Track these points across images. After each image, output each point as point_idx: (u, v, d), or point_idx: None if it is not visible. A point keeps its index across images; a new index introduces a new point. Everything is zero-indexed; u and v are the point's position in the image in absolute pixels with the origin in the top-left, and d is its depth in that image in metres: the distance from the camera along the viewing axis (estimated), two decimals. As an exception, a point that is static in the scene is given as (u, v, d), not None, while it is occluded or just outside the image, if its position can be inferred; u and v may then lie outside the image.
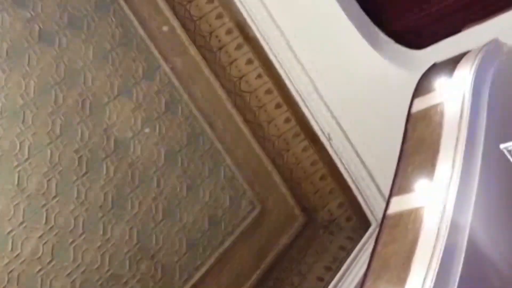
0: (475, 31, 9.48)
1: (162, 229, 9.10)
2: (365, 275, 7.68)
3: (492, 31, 9.27)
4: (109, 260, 8.52)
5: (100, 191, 8.73)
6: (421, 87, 9.03)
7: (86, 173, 8.54)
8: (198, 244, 9.37)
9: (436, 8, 9.79)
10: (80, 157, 8.56)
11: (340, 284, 9.66)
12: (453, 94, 8.49)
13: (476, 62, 8.73)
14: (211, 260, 9.37)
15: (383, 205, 8.78)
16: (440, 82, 8.75)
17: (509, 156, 6.65)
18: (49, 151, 8.31)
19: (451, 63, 9.02)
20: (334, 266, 9.95)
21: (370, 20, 10.06)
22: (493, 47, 9.04)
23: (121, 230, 8.77)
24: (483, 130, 8.13)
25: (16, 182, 7.86)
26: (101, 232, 8.54)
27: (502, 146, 6.63)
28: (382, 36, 10.09)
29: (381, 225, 8.21)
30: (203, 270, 9.26)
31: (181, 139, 9.67)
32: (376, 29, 10.09)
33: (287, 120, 10.70)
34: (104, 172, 8.73)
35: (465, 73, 8.66)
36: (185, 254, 9.19)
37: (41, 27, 8.63)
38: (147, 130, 9.35)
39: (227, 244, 9.61)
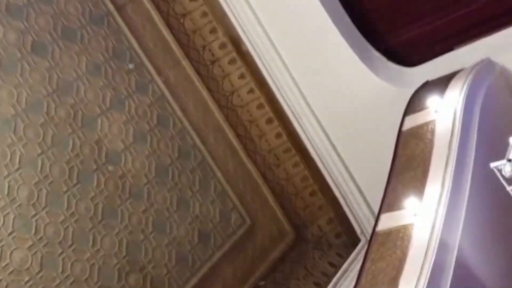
0: (468, 50, 9.55)
1: (152, 241, 9.01)
2: None
3: (484, 50, 9.34)
4: (97, 272, 8.43)
5: (91, 202, 8.64)
6: (413, 105, 9.07)
7: (76, 184, 8.47)
8: (187, 257, 9.28)
9: (429, 27, 9.88)
10: (71, 168, 8.48)
11: None
12: (444, 112, 8.52)
13: (468, 81, 8.81)
14: (200, 274, 9.28)
15: (373, 221, 8.87)
16: (432, 100, 8.72)
17: (498, 175, 6.52)
18: (40, 162, 8.25)
19: (443, 82, 9.12)
20: (323, 282, 9.89)
21: (362, 36, 10.09)
22: (485, 67, 9.14)
23: (111, 242, 8.68)
24: (473, 149, 8.17)
25: (6, 192, 7.77)
26: (90, 244, 8.45)
27: (492, 165, 6.51)
28: (374, 53, 10.12)
29: (370, 241, 8.19)
30: (192, 283, 9.18)
31: (173, 152, 9.63)
32: (368, 46, 10.10)
33: (278, 136, 10.66)
34: (95, 183, 8.65)
35: (456, 92, 8.71)
36: (174, 267, 9.08)
37: (35, 38, 8.63)
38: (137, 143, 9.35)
39: (216, 257, 9.52)
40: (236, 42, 10.51)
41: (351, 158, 10.62)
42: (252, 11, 10.28)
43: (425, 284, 6.79)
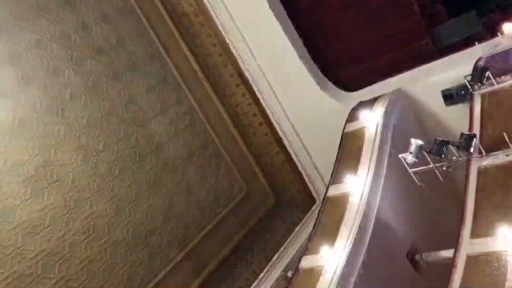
0: (387, 82, 10.28)
1: (183, 201, 9.62)
2: (312, 233, 8.52)
3: (397, 83, 10.10)
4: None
5: (150, 175, 9.36)
6: (351, 116, 9.75)
7: (138, 161, 9.27)
8: (206, 210, 9.89)
9: (362, 68, 10.66)
10: (134, 151, 9.27)
11: (296, 238, 10.08)
12: (371, 121, 9.31)
13: (387, 102, 9.58)
14: (214, 221, 9.91)
15: (324, 190, 9.41)
16: (363, 114, 9.49)
17: (404, 162, 7.41)
18: (112, 150, 9.01)
19: (371, 102, 9.80)
20: (292, 228, 10.41)
21: (322, 74, 10.74)
22: (397, 93, 9.90)
23: (162, 201, 9.36)
24: (388, 146, 8.98)
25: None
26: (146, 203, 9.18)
27: (400, 155, 7.48)
28: (328, 82, 10.79)
29: (323, 203, 8.98)
30: (209, 227, 9.79)
31: (197, 143, 10.26)
32: (325, 79, 10.77)
33: (266, 133, 11.14)
34: (148, 166, 9.38)
35: (379, 109, 9.47)
36: (197, 216, 9.73)
37: (115, 69, 9.49)
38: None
39: (225, 212, 10.13)
40: (240, 73, 10.97)
41: (313, 149, 11.18)
42: (251, 53, 10.90)
43: (356, 229, 7.93)
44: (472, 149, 7.20)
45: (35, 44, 8.60)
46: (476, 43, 8.99)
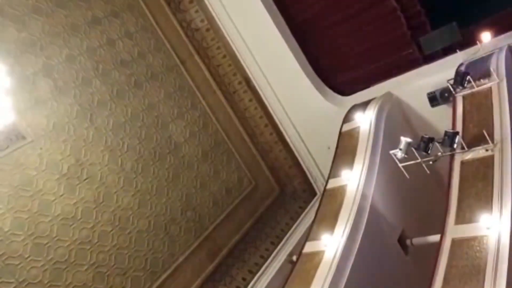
0: (378, 87, 10.29)
1: (199, 193, 9.63)
2: (313, 221, 8.59)
3: (386, 87, 10.14)
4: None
5: (169, 169, 9.35)
6: (347, 117, 9.80)
7: (157, 160, 9.26)
8: (219, 202, 9.93)
9: (355, 74, 10.65)
10: (155, 151, 9.30)
11: (300, 224, 10.12)
12: (364, 122, 9.34)
13: (377, 105, 9.62)
14: (226, 212, 9.94)
15: (323, 183, 9.59)
16: (357, 115, 9.53)
17: (394, 157, 7.42)
18: (138, 150, 9.05)
19: (364, 105, 9.83)
20: (295, 217, 10.51)
21: (320, 79, 10.76)
22: (387, 97, 9.93)
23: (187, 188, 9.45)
24: (380, 143, 8.99)
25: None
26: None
27: (390, 151, 7.50)
28: (326, 88, 10.81)
29: (323, 195, 9.03)
30: (222, 217, 9.82)
31: (210, 143, 10.30)
32: (322, 84, 10.78)
33: (271, 133, 11.17)
34: (167, 164, 9.39)
35: (371, 111, 9.50)
36: (211, 207, 9.74)
37: (136, 79, 9.54)
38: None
39: (235, 203, 10.15)
40: (247, 80, 10.97)
41: (313, 147, 11.13)
42: (257, 63, 10.87)
43: (353, 217, 7.90)
44: (455, 145, 7.21)
45: (66, 58, 8.63)
46: (458, 50, 9.01)
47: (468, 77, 8.12)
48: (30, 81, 8.10)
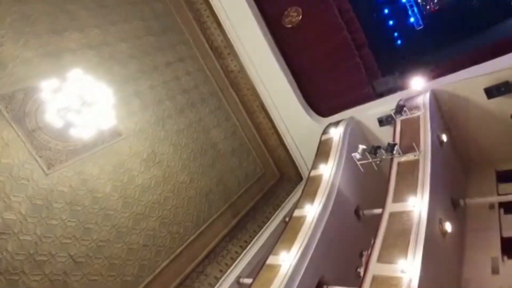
0: (346, 112, 9.98)
1: (220, 178, 9.07)
2: (300, 196, 8.30)
3: (351, 112, 9.92)
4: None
5: (207, 162, 8.89)
6: (325, 131, 9.64)
7: (203, 154, 8.97)
8: (234, 185, 9.49)
9: (332, 103, 10.33)
10: (200, 147, 8.97)
11: (292, 198, 9.79)
12: (336, 134, 9.19)
13: (345, 124, 9.48)
14: (245, 188, 9.68)
15: (307, 173, 9.13)
16: (332, 130, 9.40)
17: (355, 159, 7.32)
18: (188, 149, 8.68)
19: (336, 123, 9.68)
20: (289, 193, 10.22)
21: (307, 104, 10.47)
22: (351, 119, 9.76)
23: (217, 173, 8.95)
24: (346, 148, 8.78)
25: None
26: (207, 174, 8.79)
27: (352, 154, 7.43)
28: (312, 112, 10.54)
29: (307, 180, 8.69)
30: (239, 193, 9.46)
31: (237, 144, 10.03)
32: (309, 108, 10.49)
33: (276, 139, 10.83)
34: (207, 160, 8.95)
35: (340, 127, 9.37)
36: (226, 189, 9.23)
37: (192, 101, 9.32)
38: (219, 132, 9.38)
39: (247, 185, 9.71)
40: (262, 105, 10.62)
41: (303, 149, 10.72)
42: (268, 93, 10.56)
43: (326, 194, 7.76)
44: (394, 152, 7.17)
45: (149, 87, 8.61)
46: (398, 91, 8.96)
47: (405, 108, 8.07)
48: (126, 100, 8.12)
